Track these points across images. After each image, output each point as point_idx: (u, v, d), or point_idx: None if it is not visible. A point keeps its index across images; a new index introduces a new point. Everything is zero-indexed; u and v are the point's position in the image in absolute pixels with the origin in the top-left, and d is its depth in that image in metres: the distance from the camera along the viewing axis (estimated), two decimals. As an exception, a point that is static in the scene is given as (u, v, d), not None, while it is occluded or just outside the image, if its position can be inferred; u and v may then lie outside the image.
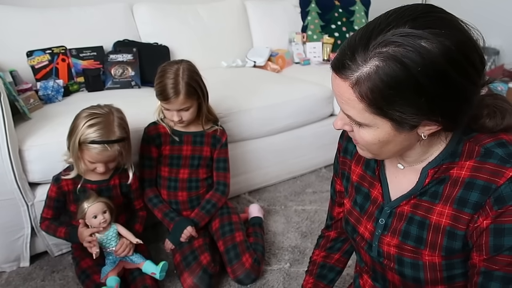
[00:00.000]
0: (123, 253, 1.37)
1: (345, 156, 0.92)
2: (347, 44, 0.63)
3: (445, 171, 0.71)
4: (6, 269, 1.56)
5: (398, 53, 0.57)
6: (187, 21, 2.48)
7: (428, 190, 0.73)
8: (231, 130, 1.79)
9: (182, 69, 1.43)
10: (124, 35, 2.21)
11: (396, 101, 0.60)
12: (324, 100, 2.22)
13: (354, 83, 0.61)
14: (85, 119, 1.30)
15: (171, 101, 1.41)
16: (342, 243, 1.08)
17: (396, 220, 0.78)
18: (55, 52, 1.99)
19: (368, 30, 0.61)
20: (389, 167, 0.82)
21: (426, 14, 0.59)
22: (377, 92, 0.60)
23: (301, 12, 2.93)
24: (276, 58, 2.70)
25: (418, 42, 0.56)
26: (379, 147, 0.69)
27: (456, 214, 0.69)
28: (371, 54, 0.59)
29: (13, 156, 1.36)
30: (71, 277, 1.52)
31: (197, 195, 1.63)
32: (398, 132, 0.65)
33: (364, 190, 0.86)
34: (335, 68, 0.64)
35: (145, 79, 2.13)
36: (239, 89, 2.11)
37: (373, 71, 0.59)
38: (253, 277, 1.47)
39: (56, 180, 1.41)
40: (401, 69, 0.57)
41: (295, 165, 2.25)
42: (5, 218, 1.46)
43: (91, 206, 1.34)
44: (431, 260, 0.73)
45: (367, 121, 0.65)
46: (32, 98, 1.73)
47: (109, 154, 1.32)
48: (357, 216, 0.87)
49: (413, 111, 0.61)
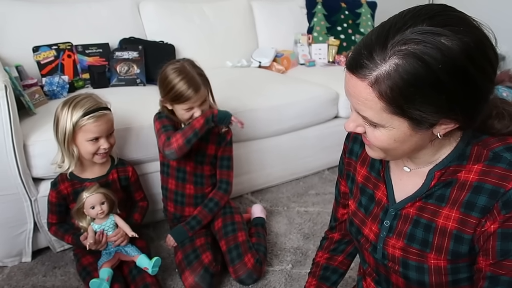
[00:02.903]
0: (116, 241, 1.37)
1: (350, 157, 0.92)
2: (362, 44, 0.62)
3: (452, 173, 0.70)
4: (8, 264, 1.56)
5: (418, 50, 0.57)
6: (193, 20, 2.48)
7: (434, 193, 0.73)
8: (235, 129, 1.78)
9: (188, 63, 1.44)
10: (130, 32, 2.21)
11: (416, 99, 0.60)
12: (329, 102, 2.22)
13: (373, 82, 0.60)
14: (65, 106, 1.32)
15: (192, 99, 1.40)
16: (345, 245, 1.07)
17: (401, 223, 0.78)
18: (61, 48, 2.00)
19: (384, 29, 0.60)
20: (394, 169, 0.81)
21: (442, 13, 0.59)
22: (397, 90, 0.59)
23: (307, 13, 2.93)
24: (281, 59, 2.69)
25: (438, 39, 0.56)
26: (394, 148, 0.68)
27: (463, 218, 0.69)
28: (390, 52, 0.58)
29: (17, 150, 1.36)
30: (72, 273, 1.52)
31: (202, 193, 1.62)
32: (415, 131, 0.64)
33: (368, 192, 0.86)
34: (351, 67, 0.63)
35: (150, 77, 2.13)
36: (244, 89, 2.10)
37: (393, 69, 0.58)
38: (255, 278, 1.47)
39: (54, 185, 1.42)
40: (422, 66, 0.57)
41: (299, 167, 2.25)
42: (8, 213, 1.46)
43: (89, 196, 1.34)
44: (437, 264, 0.72)
45: (384, 122, 0.64)
46: (37, 94, 1.74)
47: (107, 119, 1.34)
48: (362, 217, 0.87)
49: (433, 109, 0.60)
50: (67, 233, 1.43)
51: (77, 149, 1.35)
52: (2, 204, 1.44)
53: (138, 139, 1.63)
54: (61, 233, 1.44)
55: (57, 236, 1.46)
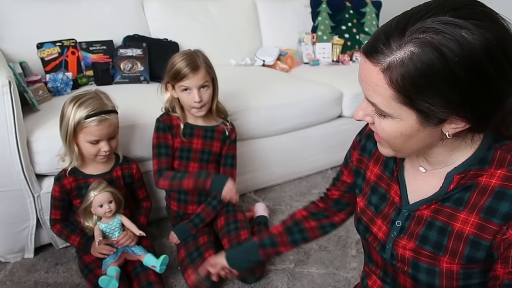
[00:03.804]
0: (125, 243, 1.37)
1: (363, 155, 0.90)
2: (382, 29, 0.61)
3: (472, 177, 0.68)
4: (10, 260, 1.56)
5: (436, 40, 0.55)
6: (197, 17, 2.48)
7: (452, 196, 0.70)
8: (239, 128, 1.78)
9: (195, 50, 1.46)
10: (134, 30, 2.21)
11: (427, 90, 0.58)
12: (333, 101, 2.21)
13: (385, 68, 0.59)
14: (71, 102, 1.31)
15: (192, 76, 1.41)
16: (324, 218, 1.06)
17: (414, 224, 0.76)
18: (65, 45, 2.00)
19: (406, 16, 0.59)
20: (409, 169, 0.79)
21: (469, 6, 0.57)
22: (408, 79, 0.58)
23: (312, 12, 2.92)
24: (285, 57, 2.68)
25: (458, 32, 0.54)
26: (401, 142, 0.67)
27: (483, 224, 0.66)
28: (407, 39, 0.57)
29: (21, 147, 1.36)
30: (74, 270, 1.52)
31: (205, 191, 1.62)
32: (423, 126, 0.63)
33: (380, 191, 0.84)
34: (366, 52, 0.62)
35: (154, 75, 2.13)
36: (248, 87, 2.10)
37: (408, 56, 0.57)
38: (257, 276, 1.47)
39: (57, 179, 1.41)
40: (438, 57, 0.55)
41: (302, 166, 2.24)
42: (11, 209, 1.46)
43: (97, 195, 1.34)
44: (449, 268, 0.70)
45: (392, 111, 0.62)
46: (41, 90, 1.74)
47: (109, 123, 1.32)
48: (371, 215, 0.85)
49: (443, 104, 0.59)
50: (74, 233, 1.42)
51: (77, 148, 1.34)
52: (5, 200, 1.44)
53: (142, 136, 1.63)
54: (67, 232, 1.43)
55: (61, 235, 1.44)
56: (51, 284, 1.46)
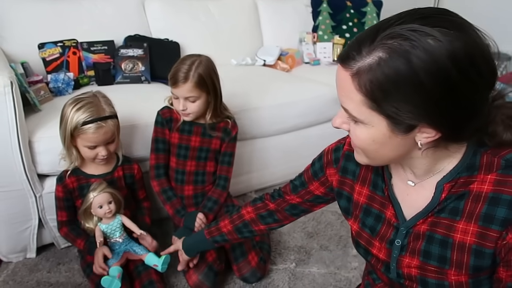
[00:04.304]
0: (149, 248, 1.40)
1: (345, 176, 0.89)
2: (356, 36, 0.63)
3: (463, 185, 0.68)
4: (12, 260, 1.57)
5: (403, 46, 0.56)
6: (198, 17, 2.48)
7: (446, 207, 0.70)
8: (240, 127, 1.77)
9: (200, 61, 1.44)
10: (135, 30, 2.21)
11: (394, 95, 0.59)
12: (333, 101, 2.21)
13: (354, 73, 0.61)
14: (71, 105, 1.30)
15: (179, 86, 1.41)
16: (274, 222, 1.11)
17: (413, 240, 0.75)
18: (66, 45, 2.00)
19: (379, 24, 0.60)
20: (399, 185, 0.79)
21: (438, 15, 0.58)
22: (376, 84, 0.59)
23: (312, 12, 2.92)
24: (286, 57, 2.69)
25: (425, 39, 0.56)
26: (374, 150, 0.67)
27: (482, 232, 0.66)
28: (375, 45, 0.59)
29: (23, 147, 1.36)
30: (76, 270, 1.53)
31: (202, 191, 1.62)
32: (394, 133, 0.63)
33: (374, 212, 0.83)
34: (340, 58, 0.64)
35: (155, 75, 2.13)
36: (249, 87, 2.10)
37: (375, 62, 0.59)
38: (258, 276, 1.47)
39: (59, 179, 1.41)
40: (404, 63, 0.56)
41: (302, 165, 2.19)
42: (13, 209, 1.47)
43: (97, 196, 1.34)
44: (458, 280, 0.70)
45: (363, 117, 0.64)
46: (43, 90, 1.74)
47: (105, 131, 1.31)
48: (368, 238, 0.84)
49: (410, 109, 0.59)
50: (80, 237, 1.41)
51: (76, 151, 1.35)
52: (7, 200, 1.44)
53: (142, 136, 1.63)
54: (73, 236, 1.42)
55: (68, 238, 1.43)
56: (53, 284, 1.47)
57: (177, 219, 1.55)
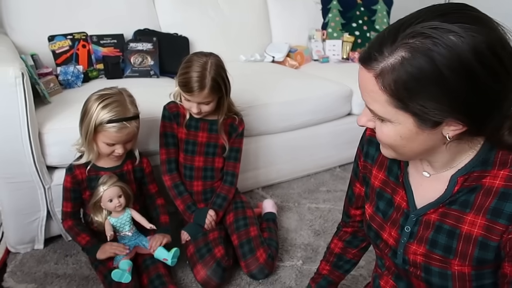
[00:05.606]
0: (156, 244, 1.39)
1: (366, 161, 0.90)
2: (376, 37, 0.63)
3: (476, 179, 0.69)
4: (20, 251, 1.57)
5: (425, 44, 0.57)
6: (208, 13, 2.47)
7: (458, 199, 0.71)
8: (248, 124, 1.78)
9: (210, 63, 1.40)
10: (144, 24, 2.20)
11: (418, 94, 0.59)
12: (343, 99, 2.20)
13: (378, 74, 0.61)
14: (97, 101, 1.29)
15: (194, 94, 1.40)
16: (360, 242, 1.08)
17: (422, 228, 0.76)
18: (76, 38, 2.00)
19: (399, 23, 0.61)
20: (414, 175, 0.80)
21: (458, 11, 0.58)
22: (400, 84, 0.59)
23: (322, 9, 2.90)
24: (295, 54, 2.67)
25: (446, 35, 0.56)
26: (402, 146, 0.68)
27: (489, 225, 0.67)
28: (397, 45, 0.59)
29: (33, 138, 1.36)
30: (84, 262, 1.53)
31: (211, 187, 1.62)
32: (421, 129, 0.63)
33: (387, 196, 0.84)
34: (361, 59, 0.64)
35: (164, 69, 2.13)
36: (257, 83, 2.09)
37: (398, 62, 0.59)
38: (266, 272, 1.46)
39: (69, 169, 1.41)
40: (427, 61, 0.57)
41: (310, 163, 2.23)
42: (22, 200, 1.47)
43: (107, 189, 1.34)
44: (461, 270, 0.71)
45: (389, 116, 0.64)
46: (52, 83, 1.74)
47: (128, 131, 1.32)
48: (380, 222, 0.85)
49: (435, 106, 0.59)
50: (84, 232, 1.41)
51: (96, 146, 1.35)
52: (17, 191, 1.45)
53: (151, 130, 1.63)
54: (78, 230, 1.41)
55: (71, 231, 1.43)
56: (61, 276, 1.47)
57: (187, 215, 1.55)
